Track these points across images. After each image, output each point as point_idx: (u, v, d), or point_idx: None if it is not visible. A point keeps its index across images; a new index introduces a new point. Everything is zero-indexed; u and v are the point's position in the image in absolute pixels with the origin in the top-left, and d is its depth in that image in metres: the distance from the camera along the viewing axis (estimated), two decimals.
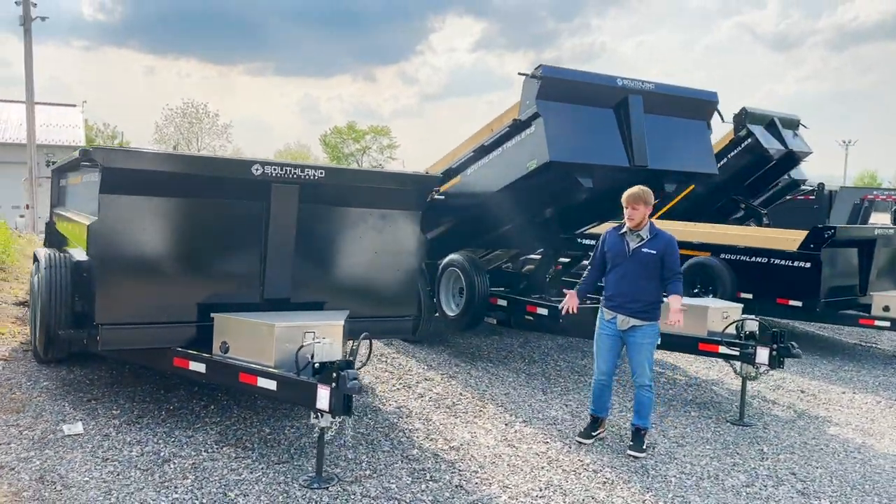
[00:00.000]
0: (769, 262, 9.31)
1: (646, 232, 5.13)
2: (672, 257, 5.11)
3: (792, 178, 14.43)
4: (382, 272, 5.49)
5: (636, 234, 5.13)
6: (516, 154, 7.15)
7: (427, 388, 6.51)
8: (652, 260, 5.07)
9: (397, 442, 5.08)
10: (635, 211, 5.08)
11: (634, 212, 5.08)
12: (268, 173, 4.85)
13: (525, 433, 5.45)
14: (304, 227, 5.10)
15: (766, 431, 5.86)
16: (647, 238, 5.11)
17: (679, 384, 7.22)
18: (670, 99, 7.41)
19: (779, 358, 5.84)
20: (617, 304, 5.16)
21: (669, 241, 5.15)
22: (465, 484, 4.43)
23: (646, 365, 5.15)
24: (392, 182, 5.48)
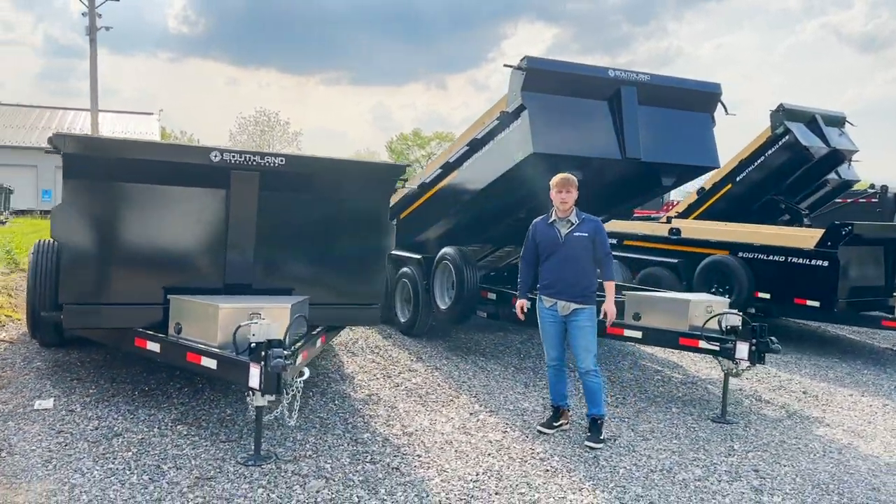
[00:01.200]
0: (787, 261, 8.99)
1: (574, 217, 5.15)
2: (602, 238, 5.15)
3: (843, 179, 13.82)
4: (347, 260, 5.56)
5: (565, 220, 5.14)
6: (505, 147, 7.12)
7: (406, 379, 6.54)
8: (584, 243, 5.09)
9: (352, 426, 5.13)
10: (569, 194, 5.10)
11: (568, 195, 5.10)
12: (227, 160, 4.99)
13: (487, 422, 5.42)
14: (266, 215, 5.22)
15: (745, 430, 5.66)
16: (576, 223, 5.13)
17: (672, 382, 7.04)
18: (668, 91, 7.26)
19: (759, 353, 5.63)
20: (556, 290, 5.14)
21: (598, 223, 5.20)
22: (403, 467, 4.44)
23: (590, 349, 5.09)
24: (356, 170, 5.55)
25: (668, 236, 10.63)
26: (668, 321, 6.21)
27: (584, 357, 5.12)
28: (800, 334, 10.25)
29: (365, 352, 7.57)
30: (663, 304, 6.35)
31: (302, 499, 3.89)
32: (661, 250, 10.64)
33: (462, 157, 7.81)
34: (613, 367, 7.52)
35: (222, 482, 4.03)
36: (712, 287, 9.65)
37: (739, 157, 12.56)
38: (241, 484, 4.02)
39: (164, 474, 4.08)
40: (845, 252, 8.42)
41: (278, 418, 4.67)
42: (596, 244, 5.14)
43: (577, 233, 5.12)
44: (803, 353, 8.84)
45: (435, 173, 8.35)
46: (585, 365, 5.11)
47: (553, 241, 5.17)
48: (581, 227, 5.14)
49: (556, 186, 5.14)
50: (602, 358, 7.83)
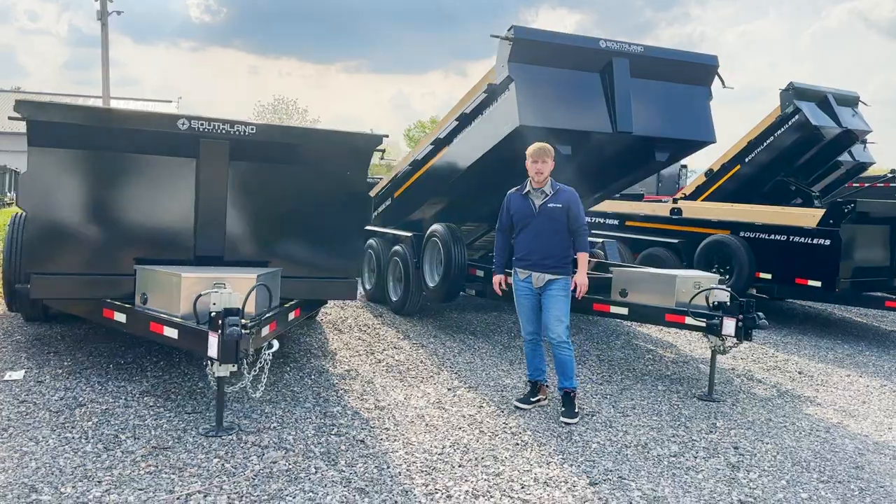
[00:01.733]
0: (788, 240, 8.77)
1: (549, 188, 5.02)
2: (576, 209, 5.02)
3: (858, 161, 13.47)
4: (322, 232, 5.45)
5: (540, 191, 5.02)
6: (493, 121, 6.98)
7: (389, 356, 6.44)
8: (559, 214, 4.97)
9: (323, 400, 5.04)
10: (544, 164, 4.97)
11: (544, 165, 4.97)
12: (195, 128, 4.89)
13: (464, 397, 5.31)
14: (237, 185, 5.12)
15: (732, 408, 5.50)
16: (551, 193, 5.00)
17: (663, 360, 6.88)
18: (663, 63, 7.07)
19: (746, 329, 5.46)
20: (531, 262, 5.03)
21: (572, 194, 5.06)
22: (369, 439, 4.35)
23: (562, 318, 4.96)
24: (330, 141, 5.43)
25: (669, 216, 10.43)
26: (655, 297, 6.05)
27: (555, 327, 4.99)
28: (805, 316, 10.03)
29: (352, 329, 7.48)
30: (650, 280, 6.19)
31: (257, 469, 3.80)
32: (663, 230, 10.44)
33: (452, 132, 7.67)
34: (604, 345, 7.37)
35: (179, 452, 3.96)
36: (713, 267, 9.45)
37: (748, 137, 12.27)
38: (198, 454, 3.94)
39: (121, 444, 4.02)
40: (848, 231, 8.18)
41: (245, 390, 4.60)
42: (570, 215, 5.01)
43: (552, 204, 4.99)
44: (805, 333, 8.64)
45: (426, 150, 8.22)
46: (557, 335, 4.99)
47: (527, 212, 5.04)
48: (555, 199, 5.00)
49: (531, 156, 5.00)
50: (594, 337, 7.70)
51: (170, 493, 3.47)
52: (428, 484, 3.77)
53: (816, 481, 4.16)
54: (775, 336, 8.41)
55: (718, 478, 4.12)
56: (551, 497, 3.72)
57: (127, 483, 3.54)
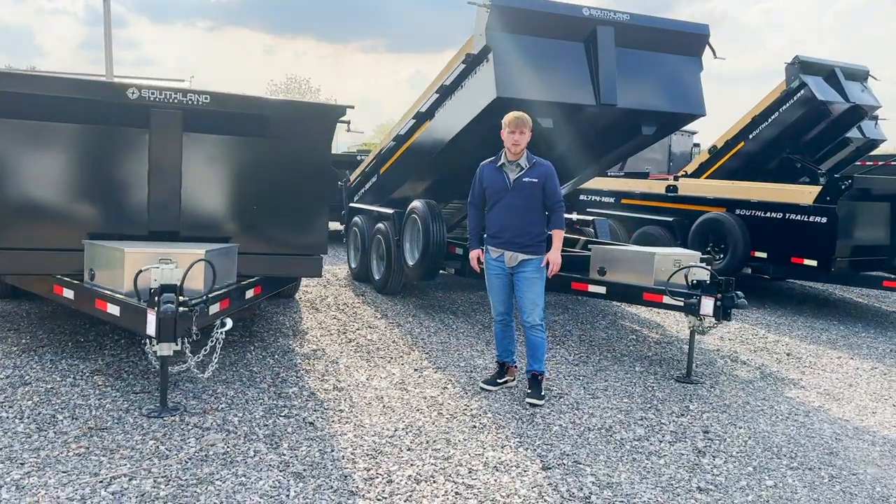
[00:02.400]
0: (784, 218, 8.50)
1: (524, 161, 4.76)
2: (553, 183, 4.77)
3: (868, 138, 13.06)
4: (284, 207, 5.26)
5: (515, 164, 4.76)
6: (472, 93, 6.74)
7: (362, 335, 6.27)
8: (534, 189, 4.72)
9: (281, 380, 4.88)
10: (521, 136, 4.70)
11: (521, 136, 4.70)
12: (145, 97, 4.71)
13: (430, 378, 5.13)
14: (192, 157, 4.94)
15: (709, 390, 5.29)
16: (526, 167, 4.74)
17: (647, 341, 6.67)
18: (651, 32, 6.78)
19: (724, 309, 5.24)
20: (504, 240, 4.78)
21: (549, 167, 4.80)
22: (319, 421, 4.18)
23: (537, 302, 4.75)
24: (290, 111, 5.22)
25: (664, 194, 10.16)
26: (633, 276, 5.83)
27: (529, 311, 4.78)
28: (804, 296, 9.77)
29: (330, 308, 7.32)
30: (629, 257, 5.97)
31: (193, 451, 3.65)
32: (658, 208, 10.19)
33: (433, 105, 7.44)
34: (588, 325, 7.17)
35: (115, 433, 3.81)
36: (707, 246, 9.20)
37: (753, 112, 11.90)
38: (134, 435, 3.79)
39: (56, 424, 3.88)
40: (845, 208, 7.90)
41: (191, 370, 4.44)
42: (546, 191, 4.76)
43: (527, 178, 4.74)
44: (801, 314, 8.39)
45: (408, 124, 8.00)
46: (531, 319, 4.78)
47: (501, 186, 4.78)
48: (531, 172, 4.75)
49: (508, 125, 4.72)
50: (579, 316, 7.49)
51: (94, 475, 3.32)
52: (370, 468, 3.60)
53: (786, 468, 3.96)
54: (769, 316, 8.17)
55: (681, 463, 3.92)
56: (498, 482, 3.54)
57: (52, 465, 3.40)
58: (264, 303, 7.23)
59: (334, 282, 8.91)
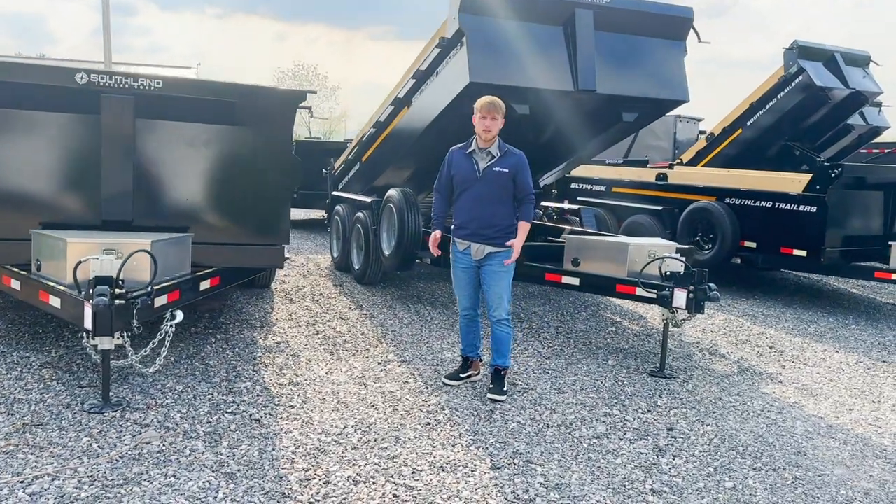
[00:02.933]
0: (774, 207, 8.30)
1: (496, 149, 4.53)
2: (524, 175, 4.55)
3: (871, 126, 12.75)
4: (243, 196, 5.11)
5: (486, 152, 4.54)
6: (447, 78, 6.57)
7: (332, 327, 6.13)
8: (504, 179, 4.50)
9: (235, 374, 4.74)
10: (494, 122, 4.47)
11: (493, 123, 4.47)
12: (95, 82, 4.56)
13: (393, 373, 4.99)
14: (145, 144, 4.78)
15: (682, 385, 5.12)
16: (497, 155, 4.52)
17: (626, 333, 6.50)
18: (632, 15, 6.57)
19: (697, 301, 5.06)
20: (470, 231, 4.58)
21: (521, 157, 4.59)
22: (266, 418, 4.04)
23: (503, 296, 4.58)
24: (247, 97, 5.05)
25: (654, 182, 9.95)
26: (607, 267, 5.65)
27: (496, 305, 4.61)
28: (797, 287, 9.57)
29: (304, 299, 7.18)
30: (603, 248, 5.79)
31: (126, 449, 3.51)
32: (648, 197, 9.98)
33: (410, 91, 7.27)
34: (568, 317, 7.00)
35: (50, 429, 3.69)
36: (696, 236, 9.02)
37: (750, 99, 11.63)
38: (70, 432, 3.67)
39: None
40: (836, 196, 7.69)
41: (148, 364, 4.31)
42: (517, 182, 4.55)
43: (498, 167, 4.51)
44: (791, 305, 8.20)
45: (387, 110, 7.83)
46: (497, 313, 4.61)
47: (469, 174, 4.56)
48: (502, 162, 4.52)
49: (480, 110, 4.48)
50: (560, 308, 7.33)
51: (17, 475, 3.20)
52: (309, 469, 3.46)
53: (749, 468, 3.80)
54: (757, 308, 7.99)
55: (638, 463, 3.77)
56: (441, 483, 3.40)
57: None
58: (236, 293, 7.10)
59: (315, 271, 8.77)
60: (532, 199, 4.62)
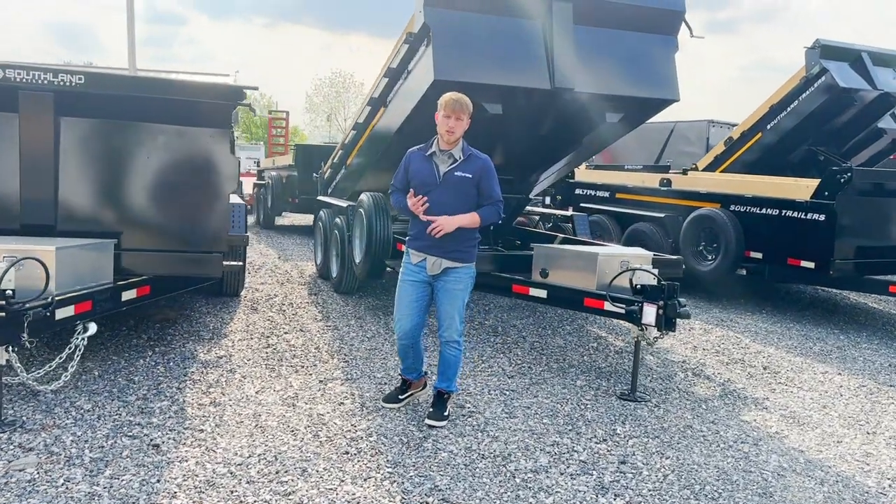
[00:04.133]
0: (780, 215, 7.73)
1: (459, 152, 4.06)
2: (489, 181, 4.07)
3: None
4: (173, 200, 4.78)
5: (448, 154, 4.07)
6: (415, 76, 6.19)
7: (286, 340, 5.77)
8: (466, 185, 4.03)
9: (154, 393, 4.39)
10: (459, 122, 3.99)
11: (458, 123, 3.99)
12: (11, 78, 4.27)
13: (331, 392, 4.59)
14: (69, 144, 4.48)
15: (651, 410, 4.64)
16: (460, 159, 4.05)
17: (606, 350, 6.02)
18: (616, 7, 6.10)
19: (667, 318, 4.58)
20: (427, 243, 4.08)
21: (486, 162, 4.11)
22: (166, 444, 3.68)
23: (456, 316, 4.13)
24: (179, 93, 4.71)
25: (657, 188, 9.43)
26: (576, 278, 5.19)
27: (448, 325, 4.15)
28: (811, 300, 8.96)
29: (271, 309, 6.84)
30: (571, 257, 5.33)
31: None
32: (651, 204, 9.46)
33: (384, 90, 6.91)
34: (549, 330, 6.55)
35: None
36: (699, 245, 8.47)
37: (771, 101, 11.01)
38: None
39: None
40: (845, 203, 7.10)
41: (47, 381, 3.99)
42: (482, 189, 4.06)
43: (460, 172, 4.03)
44: (798, 321, 7.62)
45: (365, 112, 7.47)
46: (448, 334, 4.16)
47: (429, 178, 4.06)
48: (465, 166, 4.05)
49: (444, 108, 3.99)
50: (545, 320, 6.88)
51: None
52: None
53: None
54: (761, 324, 7.43)
55: (574, 502, 3.31)
56: None
57: None
58: (197, 302, 6.79)
59: (295, 279, 8.44)
60: (498, 205, 4.14)
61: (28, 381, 3.79)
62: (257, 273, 8.83)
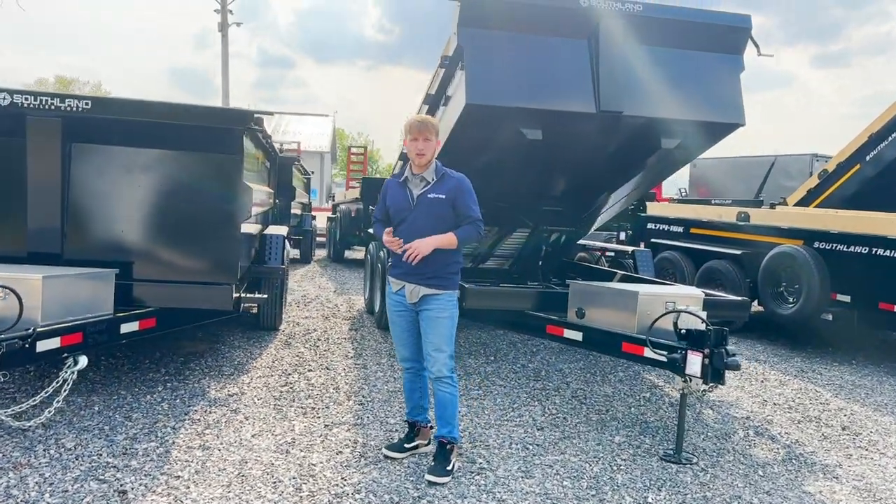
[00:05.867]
0: (871, 254, 6.90)
1: (431, 174, 3.80)
2: (465, 199, 3.78)
3: None
4: (182, 228, 4.57)
5: (419, 178, 3.81)
6: (451, 101, 5.85)
7: (306, 378, 5.46)
8: (441, 207, 3.74)
9: (146, 432, 4.13)
10: (427, 143, 3.77)
11: (427, 144, 3.76)
12: (18, 103, 4.20)
13: (334, 438, 4.21)
14: (75, 170, 4.36)
15: (697, 475, 4.02)
16: (433, 181, 3.78)
17: (661, 401, 5.40)
18: (673, 25, 5.60)
19: (714, 368, 3.98)
20: (404, 270, 3.81)
21: (460, 181, 3.83)
22: (135, 490, 3.39)
23: (444, 348, 3.76)
24: (188, 118, 4.52)
25: (734, 223, 8.67)
26: (614, 319, 4.65)
27: (434, 358, 3.79)
28: None
29: (304, 344, 6.57)
30: (610, 296, 4.78)
31: None
32: (727, 240, 8.72)
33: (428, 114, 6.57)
34: (597, 377, 5.98)
35: None
36: (779, 286, 7.68)
37: (870, 129, 10.08)
38: None
39: None
40: None
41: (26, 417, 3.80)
42: (457, 207, 3.77)
43: (433, 194, 3.77)
44: (895, 374, 6.71)
45: None
46: (436, 369, 3.78)
47: (403, 203, 3.82)
48: (437, 188, 3.78)
49: (410, 132, 3.80)
50: (592, 366, 6.30)
51: None
52: None
53: None
54: (848, 376, 6.60)
55: None
56: None
57: None
58: (231, 335, 6.60)
59: (342, 313, 8.18)
60: (477, 224, 3.80)
61: (2, 417, 3.59)
62: (307, 306, 8.63)
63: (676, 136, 5.73)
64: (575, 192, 6.53)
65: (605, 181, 6.52)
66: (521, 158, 5.95)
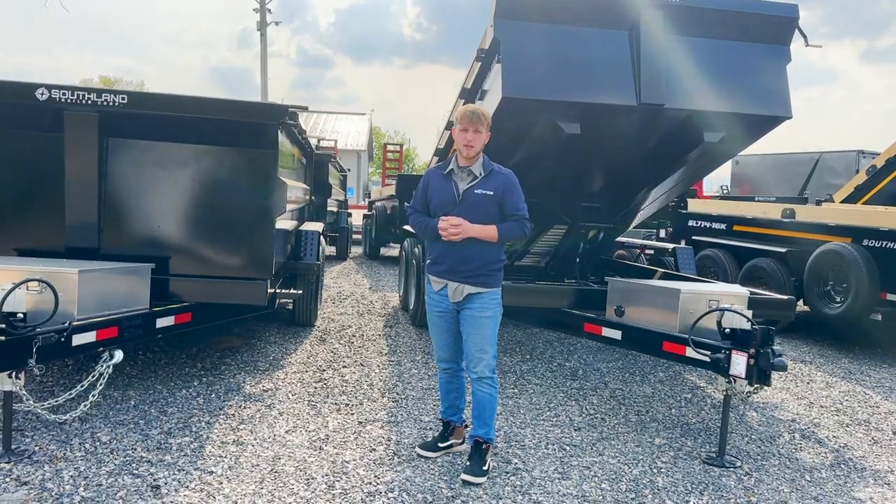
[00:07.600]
0: None
1: (479, 168, 3.67)
2: (513, 197, 3.67)
3: None
4: (217, 223, 4.57)
5: (467, 171, 3.68)
6: (488, 94, 5.75)
7: (340, 374, 5.43)
8: (488, 203, 3.63)
9: (180, 427, 4.13)
10: (477, 135, 3.63)
11: (477, 136, 3.63)
12: (56, 98, 4.23)
13: (368, 436, 4.17)
14: (113, 165, 4.38)
15: (740, 480, 3.88)
16: (480, 176, 3.66)
17: (703, 403, 5.25)
18: (717, 15, 5.44)
19: (759, 369, 3.83)
20: (446, 267, 3.72)
21: (509, 177, 3.70)
22: (168, 485, 3.37)
23: (487, 349, 3.67)
24: (223, 112, 4.50)
25: (779, 220, 8.43)
26: (655, 318, 4.52)
27: (476, 359, 3.70)
28: None
29: (339, 340, 6.54)
30: (651, 294, 4.65)
31: None
32: (772, 237, 8.48)
33: None
34: (637, 376, 5.85)
35: None
36: (826, 285, 7.44)
37: None
38: None
39: None
40: None
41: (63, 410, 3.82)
42: (505, 206, 3.66)
43: (480, 189, 3.65)
44: None
45: (444, 136, 7.12)
46: (479, 369, 3.70)
47: (447, 198, 3.70)
48: (485, 183, 3.66)
49: (461, 122, 3.67)
50: (631, 365, 6.17)
51: None
52: None
53: None
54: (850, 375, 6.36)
55: None
56: None
57: None
58: (267, 331, 6.61)
59: (377, 310, 8.15)
60: (523, 222, 3.70)
61: (38, 410, 3.61)
62: (342, 303, 8.62)
63: (720, 129, 5.56)
64: (614, 188, 6.38)
65: (645, 177, 6.36)
66: (558, 153, 5.83)
